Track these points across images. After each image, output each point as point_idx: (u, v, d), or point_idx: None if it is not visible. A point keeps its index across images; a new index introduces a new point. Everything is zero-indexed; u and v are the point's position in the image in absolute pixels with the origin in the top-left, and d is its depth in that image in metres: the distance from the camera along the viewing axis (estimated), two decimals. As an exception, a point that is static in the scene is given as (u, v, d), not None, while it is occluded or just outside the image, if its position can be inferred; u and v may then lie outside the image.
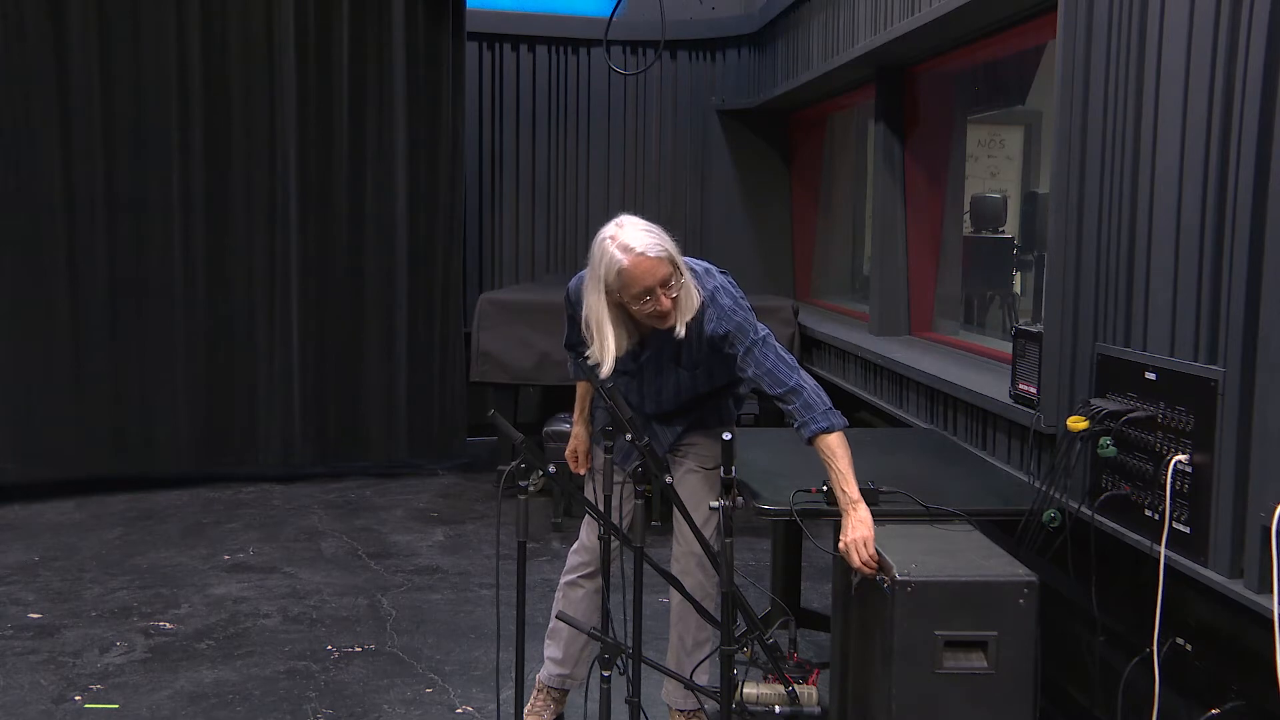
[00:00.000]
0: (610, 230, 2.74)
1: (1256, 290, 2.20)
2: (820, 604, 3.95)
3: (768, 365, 2.79)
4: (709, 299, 2.83)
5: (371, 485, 6.10)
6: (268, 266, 5.98)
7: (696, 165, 7.35)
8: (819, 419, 2.72)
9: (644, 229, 2.73)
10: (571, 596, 3.21)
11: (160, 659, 3.71)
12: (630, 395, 3.05)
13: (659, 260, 2.68)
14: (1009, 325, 5.95)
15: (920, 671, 2.40)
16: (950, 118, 5.23)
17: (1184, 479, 2.37)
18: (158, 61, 5.71)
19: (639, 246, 2.67)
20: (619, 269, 2.68)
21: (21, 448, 5.62)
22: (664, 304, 2.71)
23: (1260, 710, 2.27)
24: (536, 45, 7.13)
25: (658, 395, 3.05)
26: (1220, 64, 2.31)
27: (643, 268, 2.67)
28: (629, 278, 2.68)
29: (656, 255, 2.68)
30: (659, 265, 2.68)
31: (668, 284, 2.70)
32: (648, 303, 2.71)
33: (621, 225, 2.74)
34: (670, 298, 2.71)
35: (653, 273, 2.68)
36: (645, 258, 2.67)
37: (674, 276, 2.71)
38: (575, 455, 3.29)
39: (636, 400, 3.07)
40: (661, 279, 2.69)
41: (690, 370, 2.98)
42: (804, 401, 2.74)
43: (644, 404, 3.08)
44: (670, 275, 2.70)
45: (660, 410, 3.09)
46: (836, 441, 2.72)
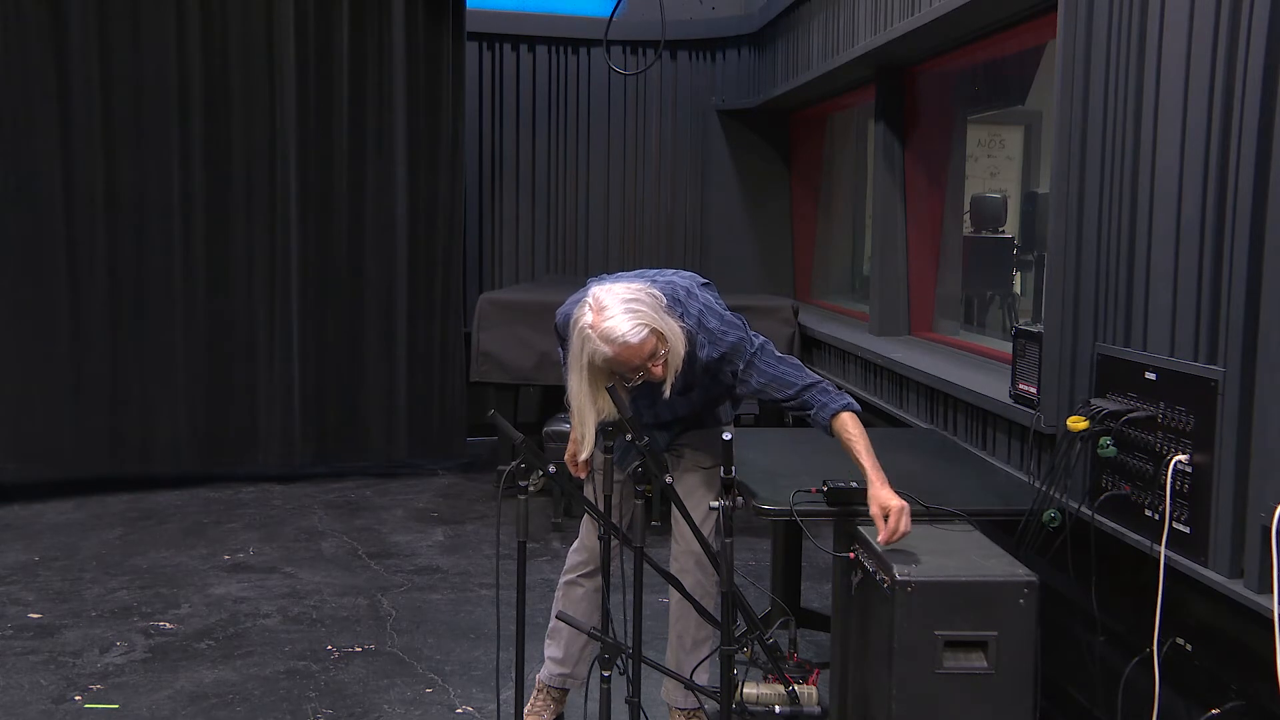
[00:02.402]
0: (589, 318, 2.62)
1: (1256, 290, 2.20)
2: (820, 604, 3.95)
3: (771, 373, 2.80)
4: (696, 326, 2.79)
5: (371, 485, 6.10)
6: (268, 266, 5.98)
7: (696, 165, 7.35)
8: (835, 400, 2.75)
9: (623, 308, 2.61)
10: (571, 596, 3.21)
11: (160, 659, 3.71)
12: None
13: (643, 341, 2.61)
14: (1009, 325, 5.95)
15: (920, 671, 2.40)
16: (950, 118, 5.23)
17: (1184, 479, 2.37)
18: (158, 62, 5.71)
19: (619, 333, 2.58)
20: (604, 358, 2.62)
21: (21, 448, 5.62)
22: (656, 374, 2.67)
23: (1260, 710, 2.27)
24: (536, 45, 7.13)
25: (653, 410, 3.02)
26: (1220, 64, 2.31)
27: (629, 353, 2.61)
28: (615, 364, 2.63)
29: (640, 339, 2.60)
30: (644, 345, 2.61)
31: (655, 355, 2.65)
32: (639, 376, 2.68)
33: (600, 310, 2.61)
34: (659, 365, 2.66)
35: (639, 353, 2.62)
36: (630, 345, 2.59)
37: (660, 345, 2.64)
38: (574, 459, 3.28)
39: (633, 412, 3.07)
40: (648, 354, 2.63)
41: (685, 394, 2.95)
42: (821, 389, 2.77)
43: (641, 416, 3.07)
44: (656, 346, 2.64)
45: (658, 421, 3.10)
46: (853, 422, 2.73)
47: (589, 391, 2.67)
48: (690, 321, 2.78)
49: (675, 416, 3.09)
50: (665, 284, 2.82)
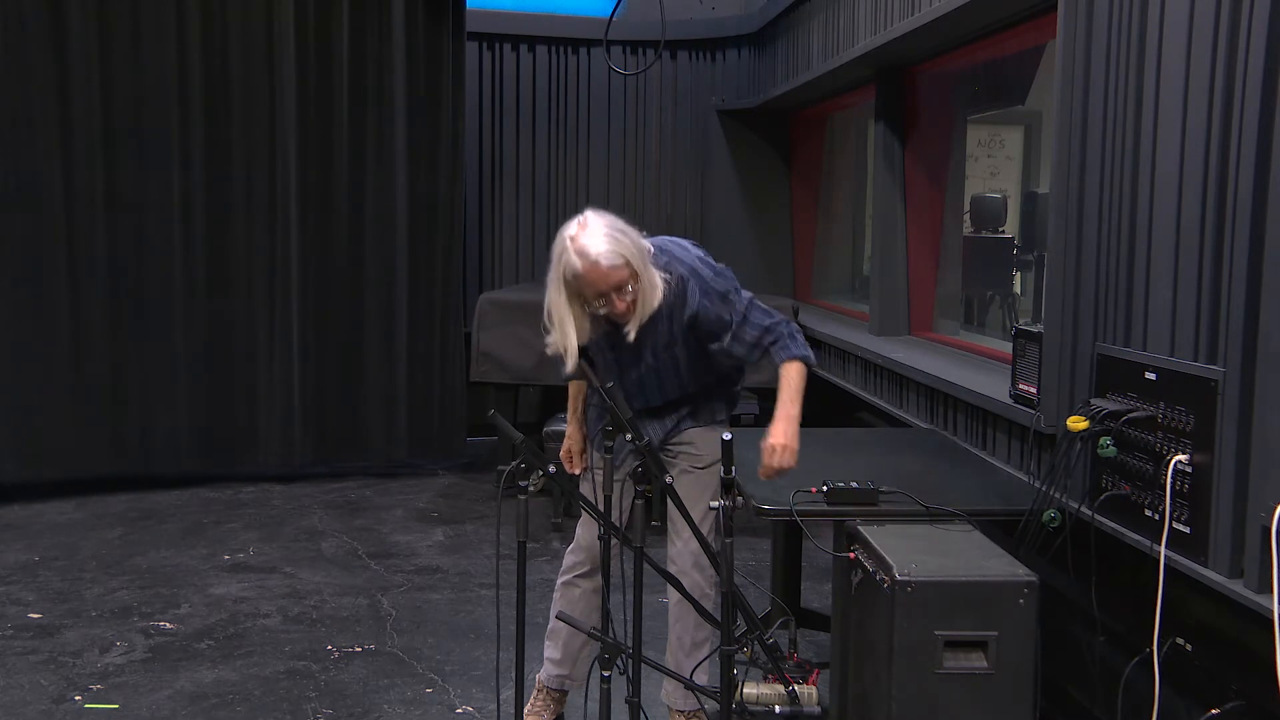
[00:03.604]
0: (572, 229, 2.76)
1: (1256, 290, 2.20)
2: (820, 604, 3.95)
3: (764, 324, 2.94)
4: (689, 273, 2.89)
5: (371, 485, 6.10)
6: (268, 267, 5.98)
7: (696, 165, 7.35)
8: (796, 349, 2.94)
9: (605, 232, 2.74)
10: (568, 596, 3.21)
11: (160, 659, 3.71)
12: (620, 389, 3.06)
13: (613, 268, 2.72)
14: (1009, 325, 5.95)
15: (920, 671, 2.40)
16: (950, 118, 5.23)
17: (1184, 479, 2.37)
18: (158, 62, 5.71)
19: (594, 253, 2.70)
20: (575, 272, 2.73)
21: (21, 448, 5.62)
22: (618, 307, 2.77)
23: (1260, 710, 2.27)
24: (536, 45, 7.13)
25: (640, 384, 3.04)
26: (1220, 64, 2.31)
27: (597, 273, 2.71)
28: (583, 282, 2.74)
29: (610, 264, 2.71)
30: (613, 272, 2.72)
31: (622, 289, 2.75)
32: (602, 305, 2.78)
33: (584, 225, 2.76)
34: (625, 301, 2.76)
35: (606, 279, 2.72)
36: (598, 267, 2.71)
37: (630, 281, 2.75)
38: (570, 455, 3.29)
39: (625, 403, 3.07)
40: (615, 284, 2.73)
41: (668, 351, 2.97)
42: (791, 332, 2.96)
43: (630, 400, 3.06)
44: (626, 280, 2.74)
45: (647, 405, 3.09)
46: (797, 372, 2.93)
47: (566, 304, 2.78)
48: (684, 269, 2.88)
49: (666, 399, 3.08)
50: (658, 239, 2.94)
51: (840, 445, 3.63)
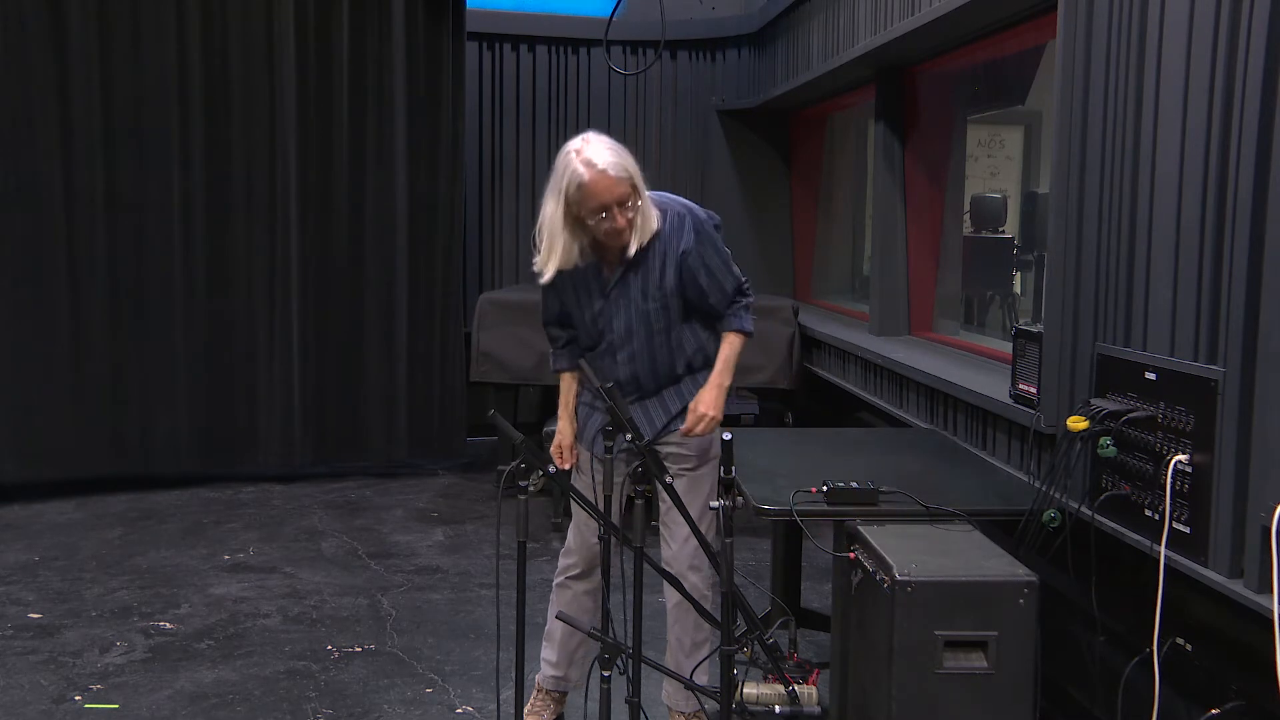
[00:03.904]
0: (576, 144, 2.81)
1: (1256, 290, 2.20)
2: (820, 604, 3.95)
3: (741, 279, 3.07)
4: (685, 209, 2.97)
5: (371, 485, 6.10)
6: (268, 267, 5.98)
7: (696, 165, 7.35)
8: (748, 322, 3.08)
9: (609, 147, 2.80)
10: (562, 598, 3.21)
11: (160, 659, 3.71)
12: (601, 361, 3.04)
13: (619, 179, 2.76)
14: (1009, 325, 5.96)
15: (920, 671, 2.40)
16: (950, 118, 5.23)
17: (1184, 479, 2.37)
18: (158, 62, 5.71)
19: (600, 163, 2.75)
20: (579, 183, 2.76)
21: (21, 448, 5.62)
22: (619, 222, 2.79)
23: (1260, 710, 2.27)
24: (536, 45, 7.13)
25: (628, 337, 3.01)
26: (1220, 64, 2.31)
27: (602, 184, 2.75)
28: (588, 192, 2.76)
29: (616, 175, 2.76)
30: (618, 184, 2.76)
31: (625, 203, 2.79)
32: (604, 220, 2.79)
33: (588, 141, 2.81)
34: (626, 217, 2.80)
35: (611, 190, 2.76)
36: (606, 175, 2.75)
37: (632, 197, 2.80)
38: (560, 450, 3.26)
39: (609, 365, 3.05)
40: (619, 197, 2.77)
41: (660, 293, 2.96)
42: (745, 304, 3.08)
43: (615, 367, 3.05)
44: (628, 195, 2.79)
45: (637, 383, 3.05)
46: (739, 341, 3.07)
47: (562, 220, 2.80)
48: (679, 206, 2.97)
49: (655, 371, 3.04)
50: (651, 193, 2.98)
51: (840, 445, 3.63)
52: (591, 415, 3.14)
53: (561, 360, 3.21)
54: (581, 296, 3.03)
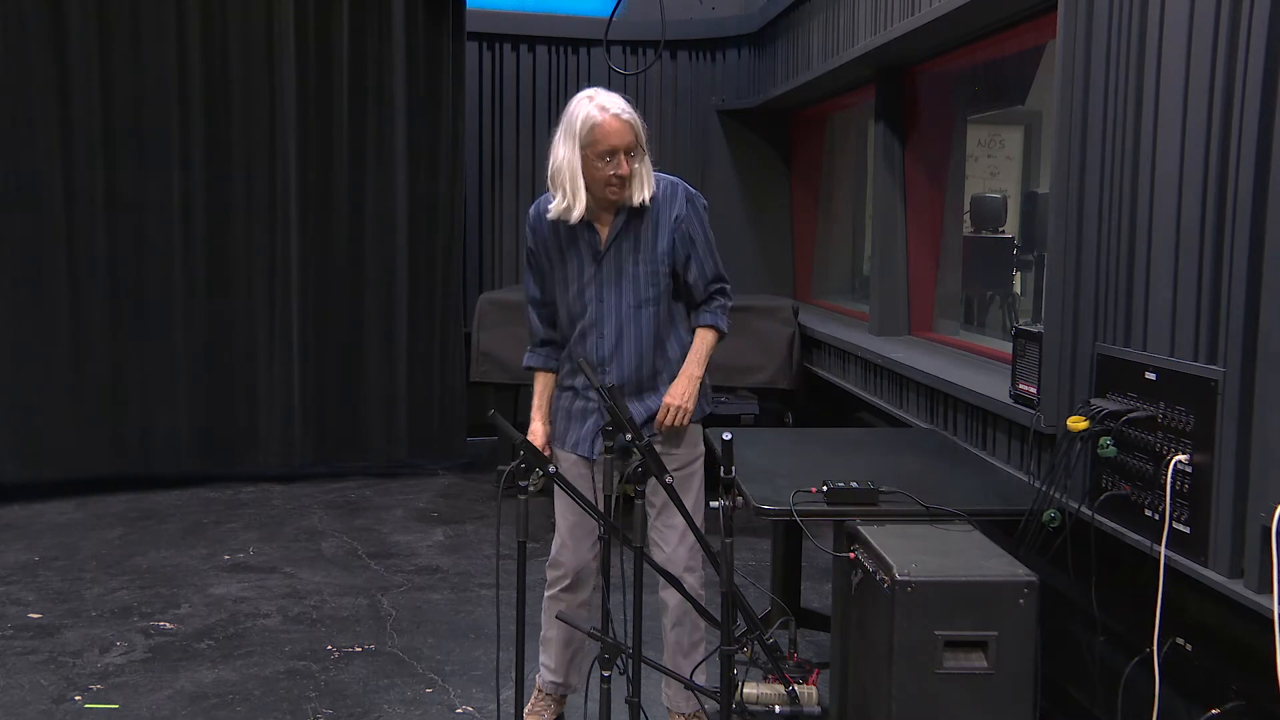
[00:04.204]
0: (589, 91, 2.95)
1: (1256, 290, 2.20)
2: (820, 604, 3.95)
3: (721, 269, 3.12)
4: (676, 181, 3.08)
5: (371, 485, 6.10)
6: (268, 266, 5.98)
7: (696, 165, 7.34)
8: (724, 319, 3.12)
9: (621, 99, 2.93)
10: (554, 611, 3.17)
11: (160, 659, 3.71)
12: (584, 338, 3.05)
13: (629, 125, 2.87)
14: (1009, 325, 5.95)
15: (920, 671, 2.40)
16: (950, 118, 5.23)
17: (1184, 479, 2.37)
18: (158, 62, 5.71)
19: (614, 106, 2.87)
20: (593, 124, 2.85)
21: (21, 448, 5.62)
22: (624, 167, 2.87)
23: (1260, 710, 2.27)
24: (536, 45, 7.13)
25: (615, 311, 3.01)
26: (1220, 64, 2.31)
27: (614, 127, 2.85)
28: (600, 133, 2.85)
29: (629, 119, 2.88)
30: (628, 130, 2.87)
31: (631, 152, 2.88)
32: (609, 163, 2.87)
33: (599, 91, 2.95)
34: (631, 166, 2.89)
35: (622, 135, 2.86)
36: (619, 118, 2.86)
37: (637, 148, 2.90)
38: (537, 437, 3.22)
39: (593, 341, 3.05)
40: (628, 144, 2.87)
41: (650, 259, 3.00)
42: (723, 304, 3.12)
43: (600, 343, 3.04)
44: (634, 144, 2.88)
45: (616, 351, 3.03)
46: (713, 336, 3.10)
47: (580, 162, 2.88)
48: (671, 178, 3.06)
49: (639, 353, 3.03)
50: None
51: (840, 445, 3.63)
52: (571, 419, 3.11)
53: (537, 358, 3.21)
54: (570, 262, 3.03)
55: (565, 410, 3.14)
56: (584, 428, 3.10)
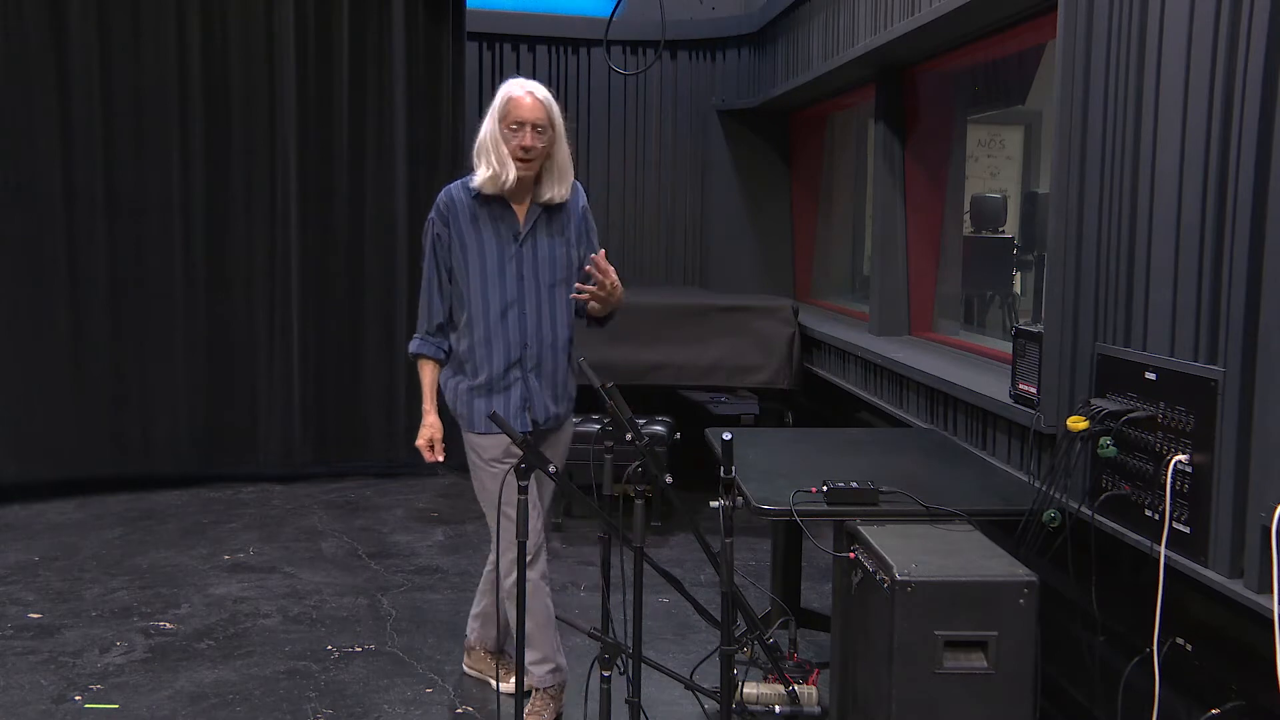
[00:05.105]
0: (521, 77, 3.17)
1: (1256, 290, 2.20)
2: (820, 604, 3.95)
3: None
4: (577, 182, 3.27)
5: (371, 485, 6.10)
6: (268, 266, 5.98)
7: (696, 166, 7.35)
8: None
9: (546, 90, 3.11)
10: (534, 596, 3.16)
11: (160, 659, 3.71)
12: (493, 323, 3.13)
13: (542, 105, 3.06)
14: (1009, 325, 5.96)
15: (920, 671, 2.40)
16: (950, 118, 5.23)
17: (1184, 479, 2.37)
18: (158, 62, 5.71)
19: (531, 87, 3.08)
20: (508, 97, 3.06)
21: (21, 448, 5.62)
22: (527, 140, 3.03)
23: (1260, 710, 2.27)
24: (536, 45, 7.13)
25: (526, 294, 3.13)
26: (1220, 64, 2.31)
27: (526, 103, 3.04)
28: (512, 105, 3.05)
29: (543, 99, 3.07)
30: (540, 109, 3.05)
31: (539, 128, 3.04)
32: (516, 133, 3.03)
33: (530, 80, 3.13)
34: (538, 142, 3.04)
35: (533, 110, 3.04)
36: (533, 95, 3.06)
37: (548, 130, 3.06)
38: (431, 444, 3.28)
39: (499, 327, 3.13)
40: (535, 120, 3.03)
41: (564, 243, 3.18)
42: None
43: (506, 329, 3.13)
44: (545, 124, 3.05)
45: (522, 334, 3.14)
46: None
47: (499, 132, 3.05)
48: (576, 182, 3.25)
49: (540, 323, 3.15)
50: None
51: (840, 445, 3.63)
52: (474, 393, 3.17)
53: (429, 346, 3.26)
54: (488, 243, 3.13)
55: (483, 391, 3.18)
56: (510, 403, 3.17)
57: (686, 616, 4.01)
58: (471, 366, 3.18)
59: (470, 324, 3.16)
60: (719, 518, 2.52)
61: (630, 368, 5.29)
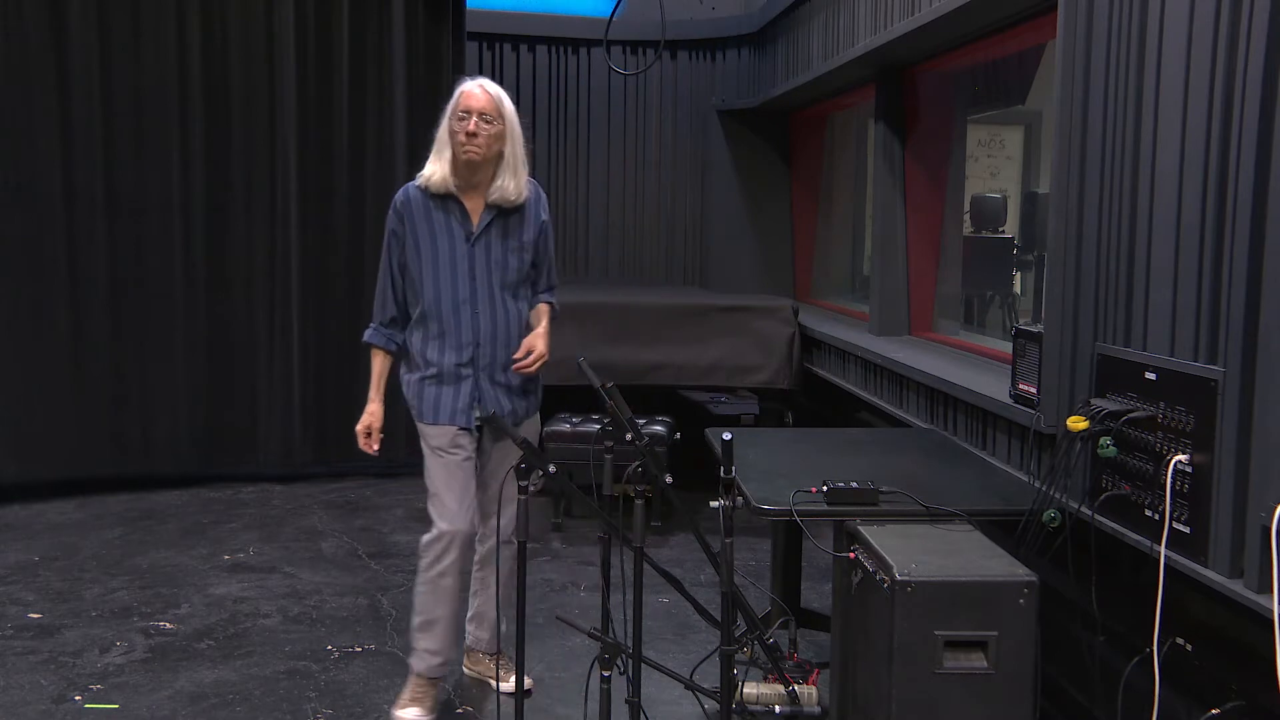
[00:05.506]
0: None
1: (1256, 290, 2.20)
2: (820, 604, 3.96)
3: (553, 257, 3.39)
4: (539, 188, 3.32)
5: (371, 485, 6.10)
6: (268, 266, 5.98)
7: (696, 166, 7.35)
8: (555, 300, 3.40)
9: (499, 88, 3.17)
10: (441, 591, 3.19)
11: (160, 659, 3.71)
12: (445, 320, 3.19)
13: (491, 99, 3.11)
14: (1009, 325, 5.96)
15: (920, 671, 2.40)
16: (950, 118, 5.23)
17: (1184, 479, 2.37)
18: (158, 62, 5.71)
19: (484, 82, 3.15)
20: (460, 90, 3.14)
21: (21, 448, 5.62)
22: (472, 125, 3.07)
23: (1260, 710, 2.27)
24: (536, 45, 7.14)
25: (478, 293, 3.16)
26: (1220, 64, 2.31)
27: (475, 95, 3.11)
28: (461, 96, 3.12)
29: (492, 95, 3.12)
30: (489, 101, 3.10)
31: (486, 118, 3.09)
32: (463, 121, 3.08)
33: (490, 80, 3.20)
34: (484, 132, 3.08)
35: (480, 100, 3.10)
36: (484, 89, 3.12)
37: (495, 123, 3.10)
38: (368, 431, 3.35)
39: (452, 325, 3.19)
40: (482, 109, 3.09)
41: (518, 246, 3.21)
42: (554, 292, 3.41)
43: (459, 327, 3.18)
44: (492, 115, 3.10)
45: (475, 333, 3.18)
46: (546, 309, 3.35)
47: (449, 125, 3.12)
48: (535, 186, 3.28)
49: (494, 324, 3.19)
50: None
51: (840, 445, 3.63)
52: (457, 388, 3.22)
53: (380, 336, 3.39)
54: (441, 240, 3.17)
55: (434, 381, 3.27)
56: (460, 396, 3.22)
57: (686, 616, 4.01)
58: (424, 360, 3.27)
59: (424, 320, 3.24)
60: (719, 518, 2.52)
61: (630, 368, 5.29)
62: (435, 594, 3.20)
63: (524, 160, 3.19)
